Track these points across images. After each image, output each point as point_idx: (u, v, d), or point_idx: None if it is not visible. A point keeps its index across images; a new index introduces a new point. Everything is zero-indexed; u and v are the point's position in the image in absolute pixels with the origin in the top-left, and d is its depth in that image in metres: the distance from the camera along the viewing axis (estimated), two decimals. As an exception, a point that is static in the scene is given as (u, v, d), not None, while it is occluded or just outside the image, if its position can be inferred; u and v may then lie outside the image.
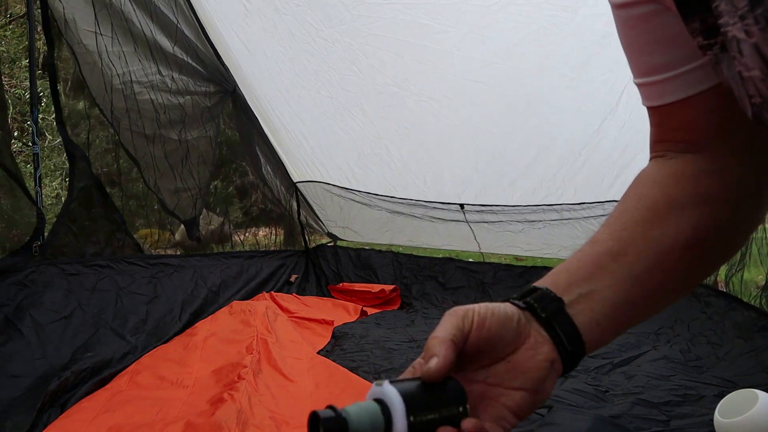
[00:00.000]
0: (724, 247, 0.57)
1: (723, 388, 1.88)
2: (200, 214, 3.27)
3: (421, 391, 0.48)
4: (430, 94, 2.84)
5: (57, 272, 2.46)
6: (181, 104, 3.03)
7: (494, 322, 0.48)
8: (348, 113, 3.05)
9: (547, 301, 0.51)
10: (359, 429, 0.46)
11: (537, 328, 0.50)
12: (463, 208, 3.28)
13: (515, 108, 2.78)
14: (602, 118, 2.63)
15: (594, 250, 0.54)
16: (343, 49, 2.74)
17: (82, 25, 2.56)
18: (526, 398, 0.49)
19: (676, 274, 0.54)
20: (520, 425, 1.86)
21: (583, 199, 2.96)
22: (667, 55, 0.54)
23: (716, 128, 0.55)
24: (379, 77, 2.82)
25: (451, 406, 0.48)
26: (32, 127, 2.66)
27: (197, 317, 2.83)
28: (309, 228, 3.91)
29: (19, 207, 2.48)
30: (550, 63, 2.55)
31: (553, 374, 0.50)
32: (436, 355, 0.47)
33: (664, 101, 0.56)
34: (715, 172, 0.55)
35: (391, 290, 3.39)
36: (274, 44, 2.85)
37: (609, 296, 0.52)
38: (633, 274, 0.52)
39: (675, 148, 0.57)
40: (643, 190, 0.57)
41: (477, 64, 2.64)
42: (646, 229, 0.54)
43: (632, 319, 0.54)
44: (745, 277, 2.45)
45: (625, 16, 0.55)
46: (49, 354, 2.18)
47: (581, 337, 0.50)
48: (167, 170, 2.99)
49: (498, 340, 0.49)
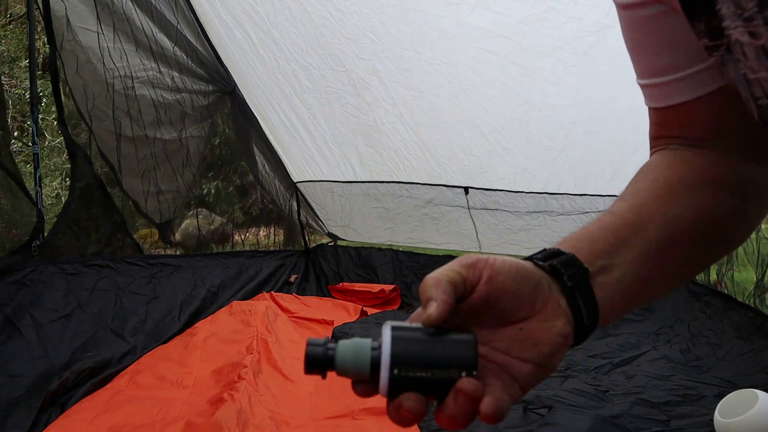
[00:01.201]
0: (727, 238, 0.57)
1: (723, 388, 1.88)
2: (177, 217, 3.22)
3: (423, 343, 0.41)
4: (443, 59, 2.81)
5: (56, 272, 2.46)
6: (172, 103, 3.02)
7: (509, 278, 0.43)
8: (362, 83, 3.00)
9: (574, 269, 0.46)
10: (346, 365, 0.42)
11: (558, 298, 0.45)
12: (467, 193, 3.29)
13: (519, 94, 2.78)
14: (604, 110, 2.64)
15: (614, 221, 0.51)
16: (360, 18, 2.73)
17: (79, 23, 2.56)
18: (533, 372, 0.44)
19: (687, 257, 0.53)
20: (521, 425, 1.86)
21: (584, 191, 2.98)
22: (673, 57, 0.53)
23: (721, 128, 0.55)
24: (395, 42, 2.78)
25: (452, 368, 0.40)
26: (32, 127, 2.66)
27: (196, 317, 2.83)
28: (309, 228, 3.92)
29: (19, 207, 2.48)
30: (553, 44, 2.54)
31: (563, 349, 0.45)
32: (433, 299, 0.41)
33: (670, 102, 0.55)
34: (722, 164, 0.55)
35: (391, 290, 3.39)
36: (288, 25, 2.84)
37: (627, 273, 0.49)
38: (651, 252, 0.50)
39: (676, 143, 0.57)
40: (657, 173, 0.56)
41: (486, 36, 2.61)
42: (663, 206, 0.52)
43: (640, 298, 0.52)
44: (737, 277, 2.46)
45: (630, 16, 0.55)
46: (49, 353, 2.18)
47: (598, 312, 0.46)
48: (150, 171, 2.96)
49: (511, 299, 0.43)
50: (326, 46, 2.91)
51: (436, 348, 0.41)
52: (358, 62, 2.93)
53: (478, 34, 2.59)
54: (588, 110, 2.71)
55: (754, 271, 2.34)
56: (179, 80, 3.04)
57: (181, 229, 3.37)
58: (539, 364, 0.44)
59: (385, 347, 0.41)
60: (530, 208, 3.18)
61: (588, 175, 2.94)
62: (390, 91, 3.02)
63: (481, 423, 1.63)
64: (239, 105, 3.35)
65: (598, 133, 2.75)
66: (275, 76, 3.12)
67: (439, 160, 3.28)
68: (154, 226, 3.07)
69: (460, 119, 3.04)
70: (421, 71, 2.88)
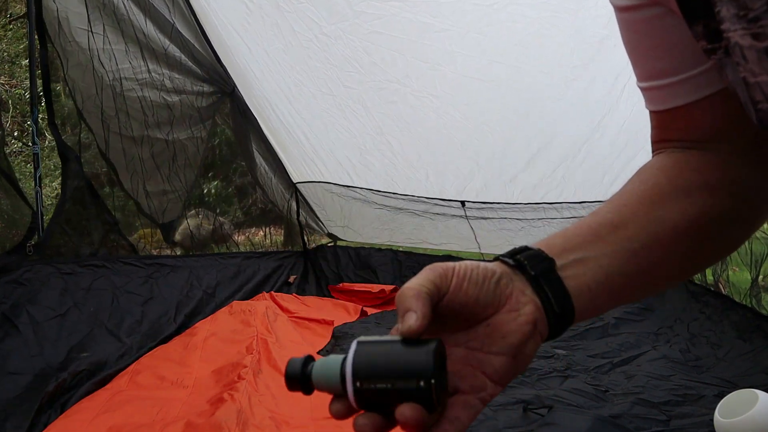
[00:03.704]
0: (723, 240, 0.57)
1: (723, 388, 1.88)
2: (179, 217, 3.22)
3: (384, 355, 0.42)
4: (431, 91, 2.84)
5: (52, 271, 2.46)
6: (171, 104, 3.02)
7: (472, 283, 0.45)
8: (349, 109, 3.05)
9: (538, 261, 0.48)
10: (320, 381, 0.44)
11: (521, 288, 0.47)
12: (464, 206, 3.28)
13: (515, 106, 2.78)
14: (602, 115, 2.64)
15: (593, 221, 0.52)
16: (345, 46, 2.74)
17: (77, 23, 2.56)
18: (505, 363, 0.45)
19: (674, 256, 0.53)
20: (521, 425, 1.85)
21: (584, 198, 2.96)
22: (672, 60, 0.53)
23: (721, 131, 0.54)
24: (380, 74, 2.82)
25: (410, 378, 0.41)
26: (32, 127, 2.66)
27: (192, 318, 2.83)
28: (308, 228, 3.91)
29: (18, 207, 2.49)
30: (550, 62, 2.56)
31: (536, 337, 0.46)
32: (412, 310, 0.42)
33: (669, 105, 0.55)
34: (719, 167, 0.54)
35: (391, 290, 3.39)
36: (276, 41, 2.85)
37: (604, 264, 0.49)
38: (631, 248, 0.51)
39: (678, 146, 0.57)
40: (647, 175, 0.56)
41: (478, 63, 2.64)
42: (648, 207, 0.52)
43: (626, 291, 0.52)
44: (732, 278, 2.46)
45: (629, 19, 0.54)
46: (45, 351, 2.19)
47: (570, 299, 0.47)
48: (154, 171, 2.97)
49: (474, 302, 0.45)
50: (314, 70, 2.91)
51: (396, 359, 0.42)
52: (344, 90, 2.95)
53: (468, 62, 2.61)
54: (588, 119, 2.70)
55: (749, 271, 2.34)
56: (179, 81, 3.05)
57: (181, 229, 3.36)
58: (510, 354, 0.45)
59: (348, 361, 0.43)
60: (529, 217, 3.17)
61: (587, 182, 2.93)
62: (376, 120, 3.04)
63: (481, 423, 1.62)
64: (239, 105, 3.35)
65: (599, 140, 2.74)
66: (271, 83, 3.13)
67: (432, 182, 3.29)
68: (156, 226, 3.07)
69: (453, 149, 3.06)
70: (407, 105, 2.90)
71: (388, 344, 0.43)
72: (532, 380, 2.07)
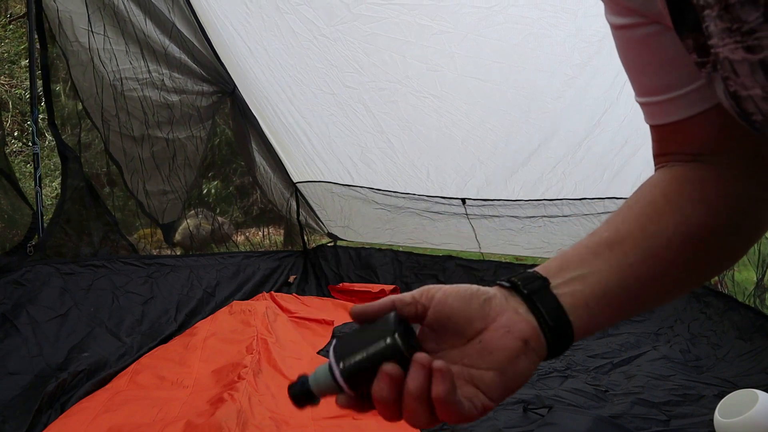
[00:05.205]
0: (722, 252, 0.57)
1: (723, 388, 1.88)
2: (179, 218, 3.23)
3: (358, 334, 0.49)
4: (431, 91, 2.85)
5: (52, 271, 2.46)
6: (172, 104, 3.02)
7: (456, 300, 0.48)
8: (350, 108, 3.06)
9: (531, 280, 0.50)
10: (318, 387, 0.49)
11: (515, 307, 0.49)
12: (465, 203, 3.29)
13: (515, 105, 2.79)
14: (602, 112, 2.64)
15: (590, 240, 0.54)
16: (344, 47, 2.75)
17: (77, 23, 2.56)
18: (495, 379, 0.47)
19: (673, 269, 0.54)
20: (521, 425, 1.85)
21: (584, 195, 2.97)
22: (670, 76, 0.53)
23: (719, 144, 0.55)
24: (380, 74, 2.83)
25: (379, 341, 0.46)
26: (32, 127, 2.66)
27: (192, 318, 2.83)
28: (309, 228, 3.91)
29: (19, 207, 2.48)
30: (550, 61, 2.55)
31: (529, 354, 0.48)
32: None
33: (667, 120, 0.55)
34: (718, 180, 0.55)
35: (391, 290, 3.39)
36: (276, 42, 2.85)
37: (601, 279, 0.50)
38: (628, 262, 0.51)
39: (678, 159, 0.57)
40: (643, 192, 0.57)
41: (478, 63, 2.64)
42: (644, 223, 0.53)
43: (627, 306, 0.53)
44: (737, 277, 2.46)
45: (626, 37, 0.54)
46: (45, 351, 2.18)
47: (566, 315, 0.49)
48: (154, 171, 2.97)
49: (460, 316, 0.48)
50: (314, 70, 2.92)
51: (365, 334, 0.48)
52: (345, 89, 2.96)
53: (468, 63, 2.62)
54: (588, 116, 2.71)
55: (755, 271, 2.34)
56: (180, 81, 3.05)
57: (181, 229, 3.36)
58: (499, 370, 0.47)
59: (330, 353, 0.49)
60: (529, 214, 3.17)
61: (587, 179, 2.93)
62: (378, 120, 3.05)
63: (481, 423, 1.62)
64: (239, 105, 3.35)
65: (599, 136, 2.74)
66: (271, 82, 3.13)
67: (433, 180, 3.29)
68: (157, 226, 3.08)
69: (453, 147, 3.06)
70: (408, 104, 2.91)
71: (359, 329, 0.50)
72: (532, 380, 2.07)
